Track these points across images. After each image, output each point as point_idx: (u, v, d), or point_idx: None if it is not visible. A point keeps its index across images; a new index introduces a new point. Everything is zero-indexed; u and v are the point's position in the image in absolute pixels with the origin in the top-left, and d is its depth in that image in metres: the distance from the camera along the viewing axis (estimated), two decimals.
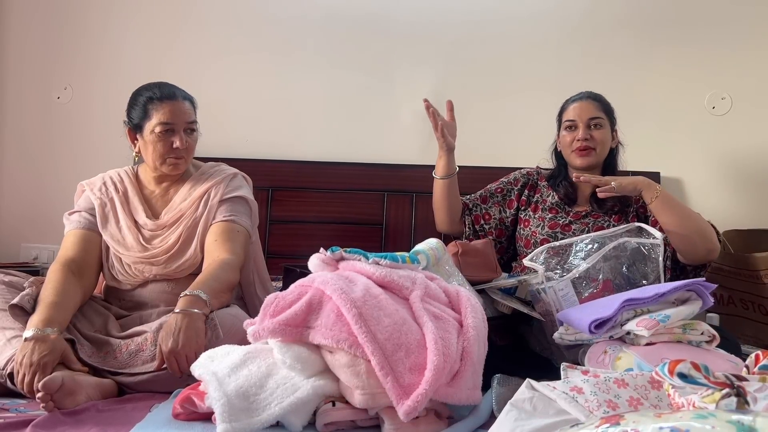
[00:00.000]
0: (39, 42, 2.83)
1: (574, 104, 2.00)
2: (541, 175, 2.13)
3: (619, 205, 1.95)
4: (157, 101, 1.73)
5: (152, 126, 1.72)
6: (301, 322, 1.20)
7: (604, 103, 2.01)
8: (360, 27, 2.71)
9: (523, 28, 2.65)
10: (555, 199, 2.03)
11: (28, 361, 1.35)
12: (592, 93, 2.03)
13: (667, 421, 0.67)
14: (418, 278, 1.33)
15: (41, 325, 1.42)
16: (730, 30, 2.54)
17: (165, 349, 1.38)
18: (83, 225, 1.75)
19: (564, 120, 2.01)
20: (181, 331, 1.39)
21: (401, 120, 2.67)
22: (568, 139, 1.99)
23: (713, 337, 1.34)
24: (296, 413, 1.14)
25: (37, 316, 1.45)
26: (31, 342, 1.38)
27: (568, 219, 1.97)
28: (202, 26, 2.77)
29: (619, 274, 1.64)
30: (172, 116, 1.72)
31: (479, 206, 2.10)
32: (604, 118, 1.98)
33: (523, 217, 2.06)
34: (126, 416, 1.24)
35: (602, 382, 1.05)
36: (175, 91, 1.78)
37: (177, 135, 1.73)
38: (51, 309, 1.48)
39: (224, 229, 1.72)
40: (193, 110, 1.80)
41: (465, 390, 1.17)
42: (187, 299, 1.46)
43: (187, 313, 1.42)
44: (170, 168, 1.76)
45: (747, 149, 2.52)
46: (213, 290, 1.52)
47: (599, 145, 1.96)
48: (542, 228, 1.98)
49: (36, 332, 1.40)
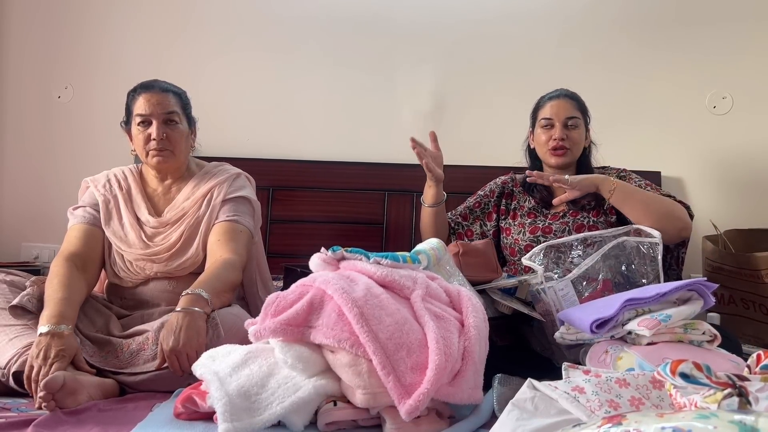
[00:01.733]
0: (39, 41, 2.83)
1: (551, 102, 2.00)
2: (516, 181, 2.12)
3: (594, 200, 1.96)
4: (136, 95, 1.76)
5: (134, 119, 1.75)
6: (303, 322, 1.20)
7: (579, 102, 2.02)
8: (361, 27, 2.71)
9: (523, 28, 2.64)
10: (531, 203, 2.03)
11: (44, 354, 1.35)
12: (569, 91, 2.03)
13: (669, 421, 0.67)
14: (419, 278, 1.33)
15: (55, 321, 1.42)
16: (731, 29, 2.54)
17: (166, 348, 1.38)
18: (87, 220, 1.76)
19: (540, 117, 2.01)
20: (182, 330, 1.39)
21: (402, 119, 2.67)
22: (543, 138, 1.98)
23: (714, 336, 1.34)
24: (298, 413, 1.14)
25: (49, 312, 1.45)
26: (47, 337, 1.38)
27: (547, 222, 1.98)
28: (203, 25, 2.77)
29: (618, 273, 1.64)
30: (148, 107, 1.73)
31: (461, 224, 2.09)
32: (580, 117, 1.99)
33: (504, 226, 2.06)
34: (127, 416, 1.24)
35: (604, 382, 1.05)
36: (155, 83, 1.79)
37: (153, 125, 1.73)
38: (61, 304, 1.47)
39: (227, 229, 1.72)
40: (179, 103, 1.79)
41: (466, 389, 1.17)
42: (189, 298, 1.46)
43: (188, 312, 1.42)
44: (155, 161, 1.75)
45: (748, 149, 2.52)
46: (215, 289, 1.52)
47: (575, 145, 1.97)
48: (523, 234, 1.98)
49: (51, 328, 1.40)
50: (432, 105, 2.66)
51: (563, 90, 2.04)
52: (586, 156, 2.04)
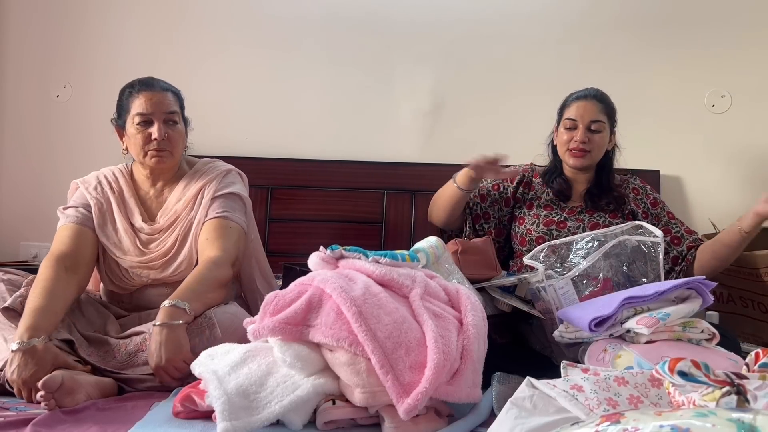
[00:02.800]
0: (38, 40, 2.82)
1: (578, 103, 1.97)
2: (536, 171, 2.11)
3: (615, 203, 1.95)
4: (134, 93, 1.72)
5: (132, 118, 1.71)
6: (301, 321, 1.20)
7: (607, 105, 1.98)
8: (359, 25, 2.70)
9: (522, 27, 2.64)
10: (549, 195, 2.02)
11: (19, 379, 1.34)
12: (598, 92, 1.99)
13: (667, 420, 0.67)
14: (417, 276, 1.33)
15: (26, 336, 1.37)
16: (729, 28, 2.54)
17: (152, 365, 1.39)
18: (78, 220, 1.71)
19: (565, 117, 1.98)
20: (162, 346, 1.39)
21: (400, 118, 2.67)
22: (565, 138, 1.96)
23: (713, 335, 1.34)
24: (296, 411, 1.14)
25: (23, 325, 1.41)
26: (19, 354, 1.35)
27: (563, 215, 1.97)
28: (200, 24, 2.76)
29: (619, 272, 1.64)
30: (149, 106, 1.70)
31: (479, 205, 2.07)
32: (605, 121, 1.96)
33: (518, 215, 2.05)
34: (126, 415, 1.24)
35: (602, 381, 1.05)
36: (154, 81, 1.76)
37: (155, 125, 1.70)
38: (36, 315, 1.43)
39: (216, 225, 1.70)
40: (177, 102, 1.77)
41: (465, 388, 1.17)
42: (166, 311, 1.43)
43: (166, 326, 1.41)
44: (153, 161, 1.72)
45: (747, 147, 2.52)
46: (196, 293, 1.50)
47: (596, 148, 1.94)
48: (537, 225, 1.97)
49: (21, 345, 1.36)
50: (430, 104, 2.66)
51: (592, 90, 2.00)
52: (608, 159, 2.02)
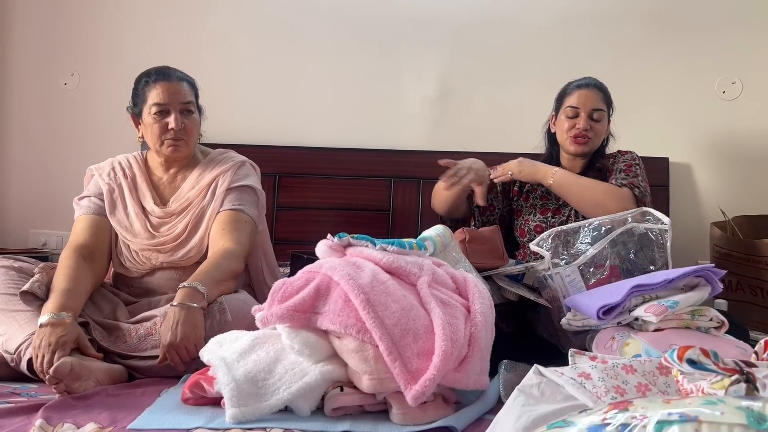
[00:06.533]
0: (45, 28, 2.82)
1: (579, 91, 1.98)
2: None
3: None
4: (151, 83, 1.73)
5: (148, 108, 1.73)
6: (309, 308, 1.21)
7: (606, 94, 2.01)
8: (367, 13, 2.68)
9: (530, 13, 2.62)
10: (544, 187, 2.02)
11: (46, 342, 1.36)
12: (597, 81, 2.02)
13: (675, 407, 0.67)
14: (425, 264, 1.33)
15: (56, 311, 1.43)
16: (740, 14, 2.50)
17: (164, 343, 1.40)
18: (93, 210, 1.75)
19: (566, 105, 1.99)
20: (179, 324, 1.40)
21: (408, 106, 2.66)
22: (566, 125, 1.97)
23: (722, 323, 1.34)
24: (304, 398, 1.14)
25: (51, 303, 1.46)
26: (47, 327, 1.39)
27: (558, 204, 1.99)
28: (208, 11, 2.75)
29: (626, 259, 1.63)
30: (166, 96, 1.72)
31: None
32: (605, 110, 1.98)
33: (517, 208, 2.07)
34: (136, 401, 1.25)
35: (610, 368, 1.05)
36: (171, 71, 1.77)
37: (171, 115, 1.72)
38: (64, 296, 1.48)
39: (230, 218, 1.72)
40: (192, 92, 1.79)
41: (472, 375, 1.17)
42: (185, 292, 1.46)
43: (184, 307, 1.43)
44: (169, 150, 1.74)
45: (757, 134, 2.49)
46: (213, 280, 1.53)
47: (597, 136, 1.97)
48: (534, 215, 2.00)
49: (51, 317, 1.41)
50: (438, 91, 2.64)
51: (591, 79, 2.02)
52: (603, 146, 2.04)
